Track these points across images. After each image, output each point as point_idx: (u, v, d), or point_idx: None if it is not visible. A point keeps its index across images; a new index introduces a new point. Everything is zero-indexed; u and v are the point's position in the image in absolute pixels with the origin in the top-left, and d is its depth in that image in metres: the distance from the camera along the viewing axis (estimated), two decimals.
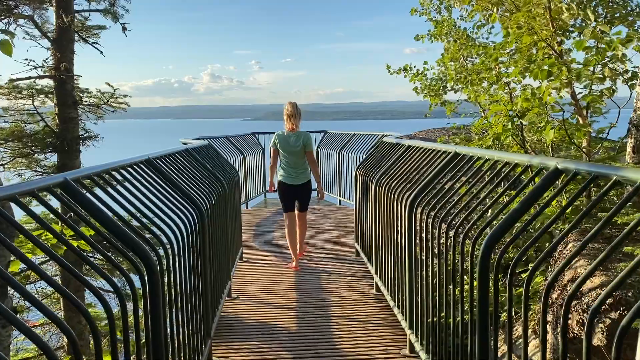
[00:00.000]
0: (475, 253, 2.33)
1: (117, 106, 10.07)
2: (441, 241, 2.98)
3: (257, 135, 10.97)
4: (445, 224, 2.92)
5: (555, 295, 3.02)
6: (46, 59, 9.42)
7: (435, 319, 3.11)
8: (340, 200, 9.83)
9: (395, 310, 3.92)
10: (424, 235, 3.35)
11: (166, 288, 2.48)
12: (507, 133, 4.33)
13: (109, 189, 2.46)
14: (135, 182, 2.82)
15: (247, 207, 9.80)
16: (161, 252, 2.56)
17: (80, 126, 9.65)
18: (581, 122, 4.16)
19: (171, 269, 2.60)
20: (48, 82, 9.66)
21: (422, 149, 3.93)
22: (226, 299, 4.65)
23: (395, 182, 4.13)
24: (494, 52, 4.15)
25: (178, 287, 2.78)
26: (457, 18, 5.65)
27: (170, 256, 2.61)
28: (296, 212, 5.95)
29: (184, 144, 5.96)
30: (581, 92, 4.08)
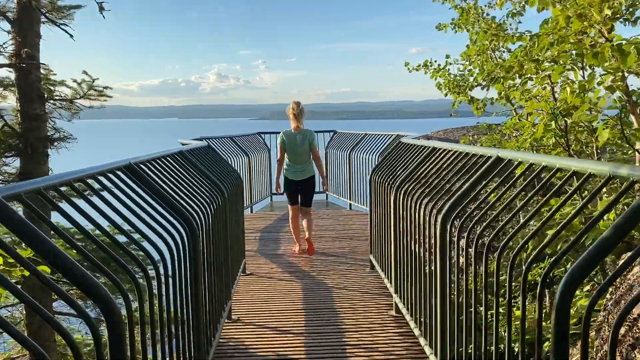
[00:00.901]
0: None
1: (97, 100, 8.50)
2: (480, 266, 2.42)
3: (262, 135, 10.42)
4: (483, 241, 2.35)
5: (623, 331, 2.46)
6: (4, 43, 7.78)
7: (471, 351, 2.56)
8: (350, 204, 9.26)
9: (422, 341, 3.34)
10: (462, 257, 2.78)
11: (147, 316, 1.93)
12: (548, 134, 3.75)
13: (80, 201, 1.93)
14: (108, 193, 2.27)
15: (251, 212, 9.25)
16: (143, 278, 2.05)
17: (50, 125, 8.05)
18: (635, 120, 3.58)
19: (155, 295, 2.06)
20: (8, 72, 8.00)
21: (453, 152, 3.35)
22: (226, 321, 4.10)
23: (421, 190, 3.56)
24: (540, 39, 3.57)
25: (160, 316, 2.24)
26: (485, 6, 5.08)
27: (152, 285, 2.07)
28: (301, 208, 6.22)
29: (183, 144, 5.45)
30: (632, 85, 3.52)
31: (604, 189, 3.58)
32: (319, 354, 3.63)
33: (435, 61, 5.21)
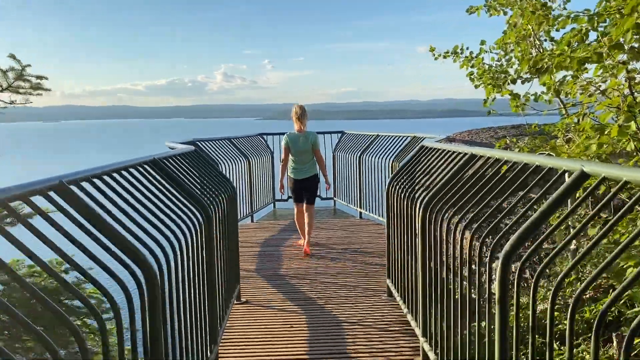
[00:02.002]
0: None
1: (29, 94, 6.66)
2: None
3: (265, 137, 9.59)
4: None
5: None
6: None
7: None
8: (361, 213, 8.41)
9: None
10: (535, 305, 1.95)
11: None
12: (624, 136, 2.90)
13: None
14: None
15: (252, 221, 8.43)
16: None
17: None
18: None
19: None
20: None
21: (510, 164, 2.50)
22: None
23: (462, 215, 2.72)
24: (624, 20, 2.73)
25: None
26: None
27: None
28: (304, 205, 6.41)
29: (171, 148, 4.69)
30: None
31: None
32: None
33: (467, 48, 4.38)
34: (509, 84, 4.31)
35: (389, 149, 7.46)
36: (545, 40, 4.29)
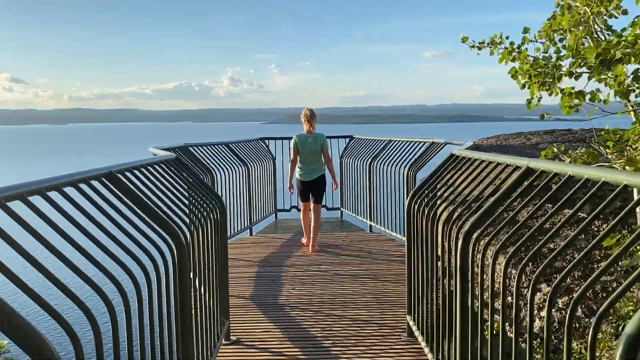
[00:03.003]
0: None
1: None
2: None
3: (266, 141, 8.82)
4: None
5: None
6: None
7: None
8: (371, 226, 7.61)
9: None
10: None
11: None
12: None
13: None
14: None
15: (251, 234, 7.65)
16: None
17: None
18: None
19: None
20: None
21: (578, 180, 1.71)
22: None
23: (522, 254, 1.93)
24: None
25: None
26: None
27: None
28: (312, 205, 6.53)
29: (154, 155, 3.95)
30: None
31: None
32: None
33: (507, 38, 3.60)
34: (559, 81, 3.51)
35: (404, 156, 6.67)
36: (601, 30, 3.50)
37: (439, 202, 3.50)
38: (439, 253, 3.23)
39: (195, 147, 6.26)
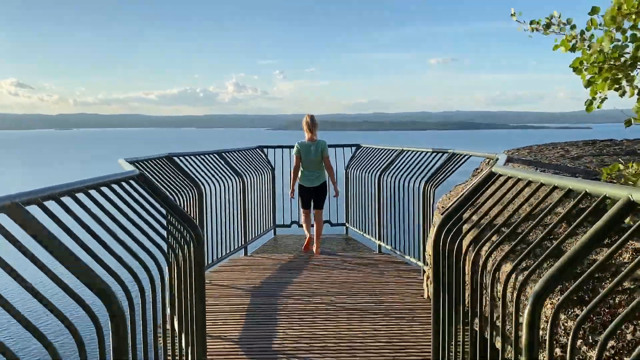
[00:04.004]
0: None
1: None
2: None
3: (265, 150, 8.04)
4: None
5: None
6: None
7: None
8: (380, 246, 6.80)
9: None
10: None
11: None
12: None
13: None
14: None
15: (246, 254, 6.84)
16: None
17: None
18: None
19: None
20: None
21: None
22: None
23: None
24: None
25: None
26: None
27: None
28: (313, 210, 6.73)
29: (131, 164, 3.25)
30: None
31: None
32: None
33: (568, 21, 2.78)
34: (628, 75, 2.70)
35: (418, 168, 5.87)
36: None
37: (471, 231, 2.69)
38: (484, 305, 2.42)
39: (181, 157, 5.48)
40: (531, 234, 2.24)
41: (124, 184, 2.63)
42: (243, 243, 6.78)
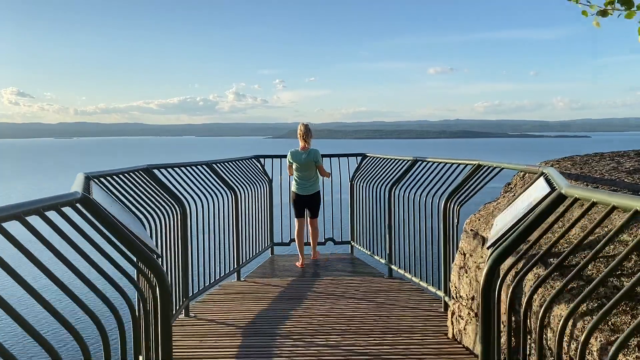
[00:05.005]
0: None
1: None
2: None
3: (261, 160, 7.27)
4: None
5: None
6: None
7: None
8: (391, 269, 6.00)
9: None
10: None
11: None
12: None
13: None
14: None
15: (238, 279, 6.03)
16: None
17: None
18: None
19: None
20: None
21: None
22: None
23: None
24: None
25: None
26: None
27: None
28: (308, 219, 6.71)
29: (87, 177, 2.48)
30: None
31: None
32: None
33: None
34: None
35: (437, 182, 5.08)
36: None
37: (533, 269, 1.91)
38: None
39: (162, 169, 4.71)
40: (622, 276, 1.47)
41: (63, 209, 1.91)
42: (235, 266, 5.98)
